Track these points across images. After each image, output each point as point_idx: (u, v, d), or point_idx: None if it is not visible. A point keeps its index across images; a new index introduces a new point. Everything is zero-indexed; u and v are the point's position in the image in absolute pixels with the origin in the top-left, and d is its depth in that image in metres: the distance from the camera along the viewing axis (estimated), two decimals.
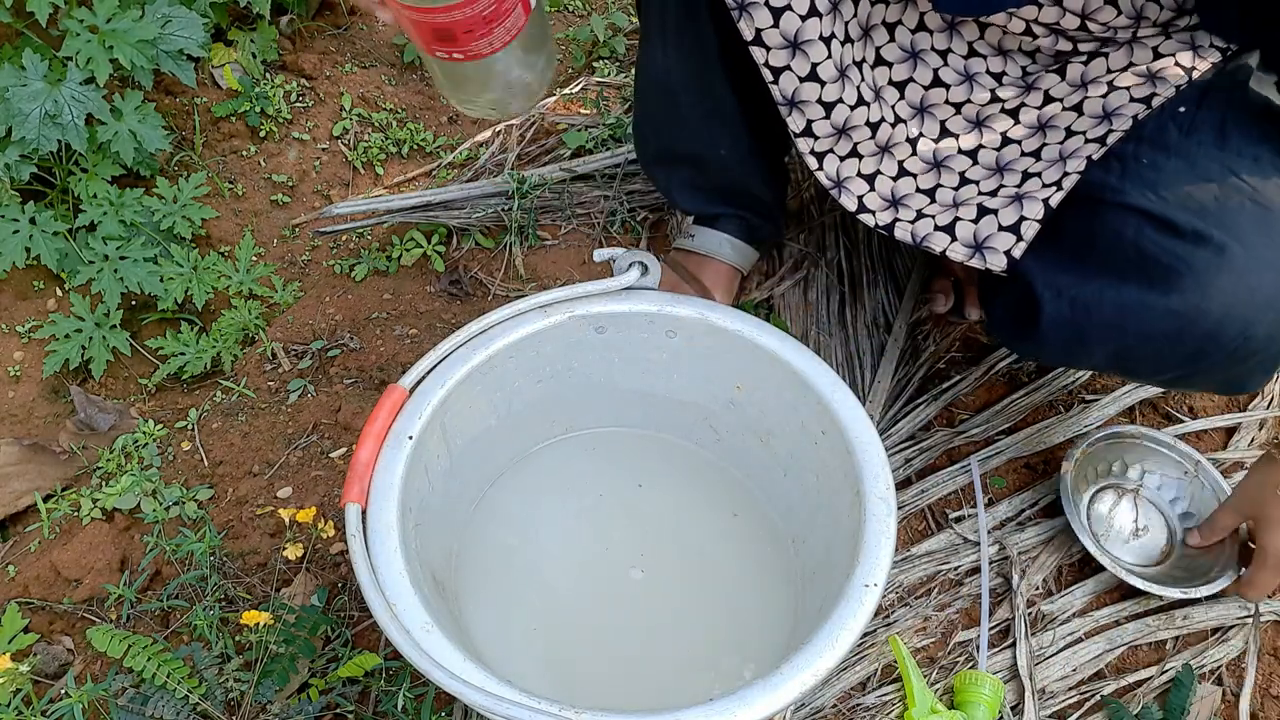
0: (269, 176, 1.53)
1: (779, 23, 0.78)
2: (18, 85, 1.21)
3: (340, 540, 1.02)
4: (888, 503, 0.72)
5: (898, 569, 0.99)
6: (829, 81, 0.81)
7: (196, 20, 1.35)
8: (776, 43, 0.79)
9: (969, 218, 0.86)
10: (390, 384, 0.77)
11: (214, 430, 1.16)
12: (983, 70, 0.86)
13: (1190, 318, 0.73)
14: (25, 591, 1.01)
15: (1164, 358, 0.78)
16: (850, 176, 0.88)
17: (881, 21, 0.85)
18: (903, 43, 0.86)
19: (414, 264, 1.34)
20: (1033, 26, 0.80)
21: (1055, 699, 0.91)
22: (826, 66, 0.81)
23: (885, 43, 0.86)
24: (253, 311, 1.29)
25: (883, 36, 0.86)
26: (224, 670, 0.87)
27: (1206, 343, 0.74)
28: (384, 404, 0.75)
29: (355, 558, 0.66)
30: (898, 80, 0.87)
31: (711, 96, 0.94)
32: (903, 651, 0.89)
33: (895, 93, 0.88)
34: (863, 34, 0.84)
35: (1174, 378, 0.82)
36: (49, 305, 1.35)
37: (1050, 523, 1.02)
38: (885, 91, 0.87)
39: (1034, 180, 0.84)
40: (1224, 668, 0.94)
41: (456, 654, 0.62)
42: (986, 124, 0.87)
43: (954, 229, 0.87)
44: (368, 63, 1.75)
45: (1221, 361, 0.76)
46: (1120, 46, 0.81)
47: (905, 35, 0.86)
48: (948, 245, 0.87)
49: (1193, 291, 0.72)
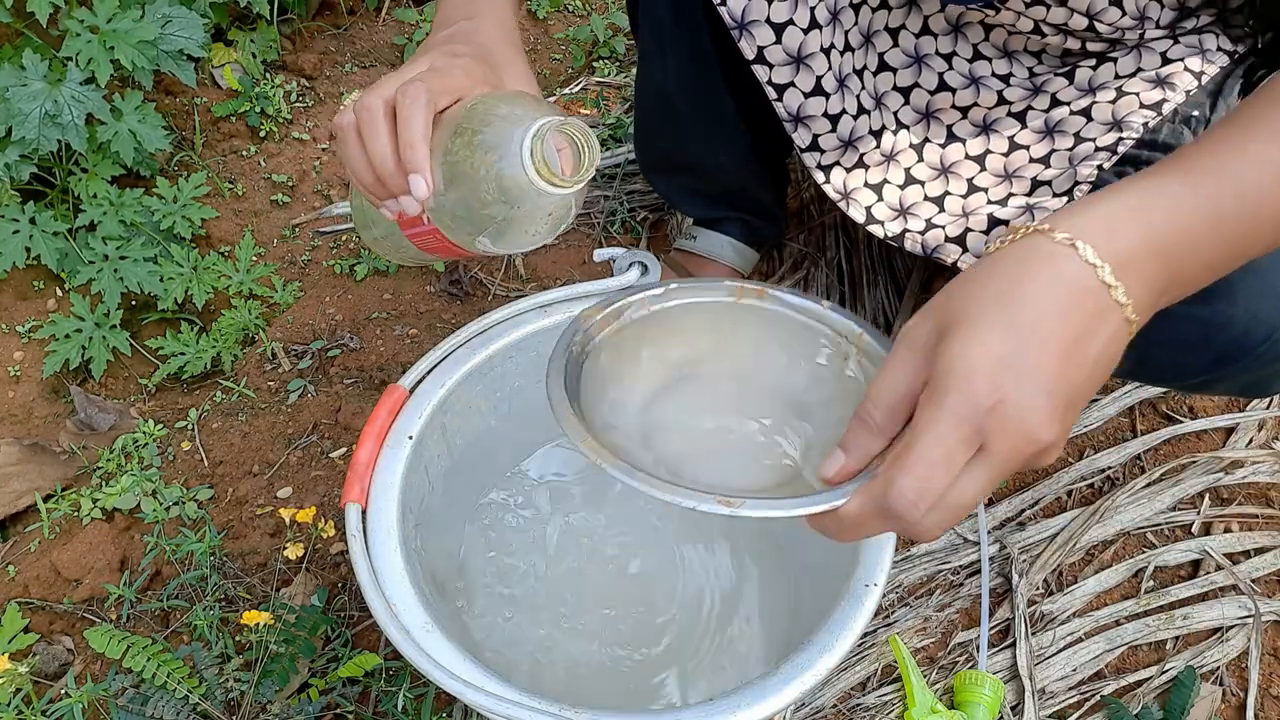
0: (269, 176, 1.53)
1: (782, 39, 0.77)
2: (18, 85, 1.21)
3: (340, 540, 1.02)
4: None
5: (898, 569, 0.99)
6: (832, 93, 0.81)
7: (196, 20, 1.35)
8: (780, 59, 0.78)
9: (980, 229, 0.85)
10: (390, 384, 0.77)
11: (214, 430, 1.16)
12: (988, 73, 0.86)
13: (1216, 324, 0.71)
14: (25, 591, 1.01)
15: (1188, 364, 0.75)
16: (857, 187, 0.88)
17: (884, 27, 0.84)
18: (906, 47, 0.85)
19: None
20: (1041, 26, 0.80)
21: (1055, 699, 0.91)
22: (829, 79, 0.80)
23: (889, 48, 0.85)
24: (253, 311, 1.29)
25: (886, 42, 0.85)
26: (224, 670, 0.87)
27: (1232, 348, 0.72)
28: (384, 404, 0.75)
29: (355, 558, 0.66)
30: (902, 86, 0.87)
31: (711, 105, 0.94)
32: (903, 651, 0.89)
33: (899, 98, 0.87)
34: (864, 41, 0.84)
35: (1198, 383, 0.79)
36: (49, 305, 1.35)
37: (1051, 522, 1.02)
38: (888, 97, 0.87)
39: (1044, 189, 0.83)
40: (1224, 668, 0.94)
41: (456, 654, 0.62)
42: (993, 128, 0.87)
43: (965, 240, 0.86)
44: (368, 63, 1.75)
45: (1249, 365, 0.73)
46: (1129, 51, 0.81)
47: (909, 40, 0.85)
48: (959, 257, 0.86)
49: (1217, 298, 0.69)
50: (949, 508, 0.46)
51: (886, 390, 0.49)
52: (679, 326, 0.68)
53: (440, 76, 0.63)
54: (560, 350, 0.62)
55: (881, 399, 0.49)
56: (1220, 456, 1.07)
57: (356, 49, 1.77)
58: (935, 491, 0.45)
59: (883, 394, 0.49)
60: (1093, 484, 1.07)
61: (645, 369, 0.65)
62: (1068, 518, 1.02)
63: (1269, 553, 1.01)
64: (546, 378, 0.59)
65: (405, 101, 0.60)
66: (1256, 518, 1.05)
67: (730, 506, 0.51)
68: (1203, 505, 1.05)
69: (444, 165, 0.62)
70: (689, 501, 0.52)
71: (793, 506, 0.51)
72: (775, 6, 0.76)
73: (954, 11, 0.83)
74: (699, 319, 0.68)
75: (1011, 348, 0.45)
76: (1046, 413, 0.45)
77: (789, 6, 0.76)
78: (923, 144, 0.88)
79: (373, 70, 1.72)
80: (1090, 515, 1.02)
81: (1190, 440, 1.10)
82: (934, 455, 0.45)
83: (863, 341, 0.65)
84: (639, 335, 0.67)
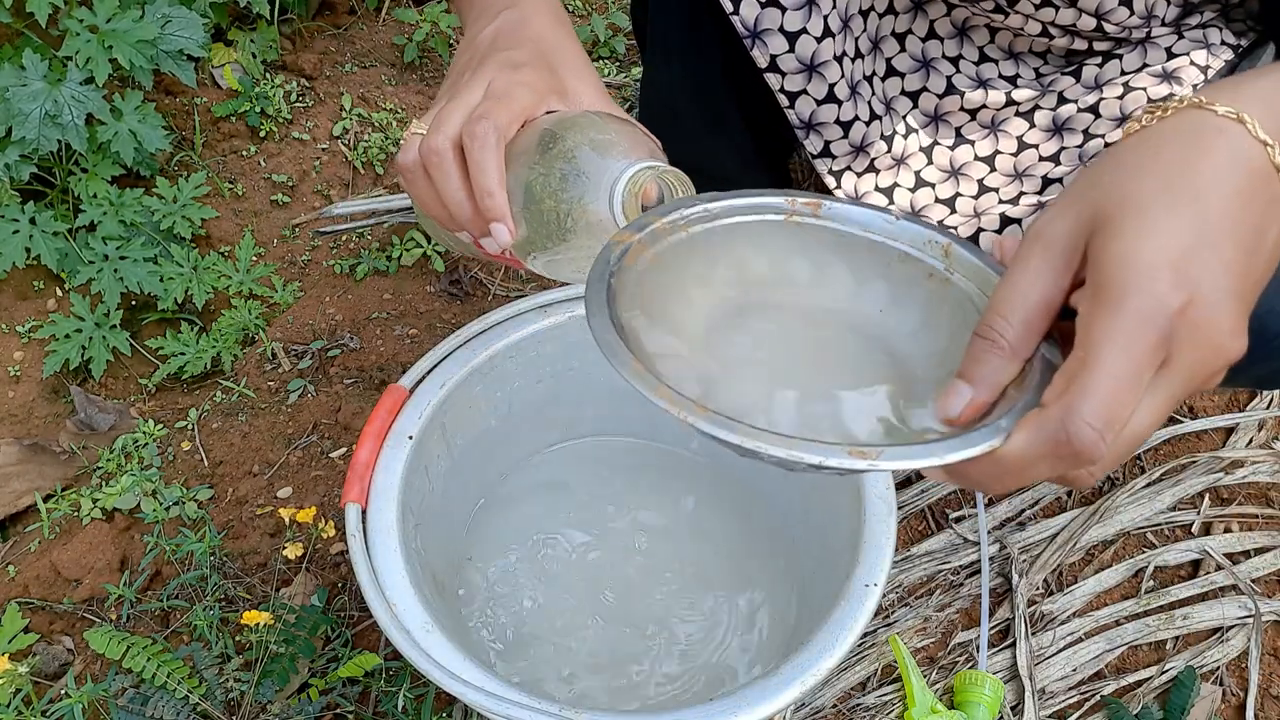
0: (269, 176, 1.53)
1: (794, 47, 0.76)
2: (18, 85, 1.21)
3: (340, 540, 1.02)
4: (888, 502, 0.72)
5: (898, 569, 0.99)
6: (844, 100, 0.81)
7: (196, 20, 1.35)
8: (792, 67, 0.77)
9: (992, 228, 0.85)
10: (390, 384, 0.77)
11: (214, 430, 1.16)
12: (995, 75, 0.86)
13: None
14: (25, 591, 1.01)
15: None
16: (868, 191, 0.88)
17: (891, 32, 0.84)
18: (914, 52, 0.85)
19: (414, 264, 1.34)
20: (1049, 28, 0.80)
21: (1055, 699, 0.91)
22: (841, 86, 0.80)
23: (896, 53, 0.85)
24: (253, 311, 1.29)
25: (893, 48, 0.85)
26: (224, 670, 0.87)
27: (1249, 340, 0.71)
28: (384, 404, 0.75)
29: (355, 558, 0.66)
30: (910, 90, 0.87)
31: (715, 111, 0.94)
32: (903, 651, 0.89)
33: (908, 102, 0.87)
34: (873, 47, 0.84)
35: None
36: (49, 305, 1.35)
37: (1051, 522, 1.02)
38: (897, 102, 0.87)
39: (1055, 187, 0.84)
40: (1224, 668, 0.94)
41: (456, 654, 0.62)
42: (1002, 128, 0.87)
43: (977, 240, 0.86)
44: (368, 63, 1.75)
45: (1264, 358, 0.71)
46: (1134, 47, 0.81)
47: (916, 44, 0.85)
48: None
49: None
50: (1126, 440, 0.39)
51: (1019, 301, 0.41)
52: (725, 252, 0.57)
53: (504, 103, 0.59)
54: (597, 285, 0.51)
55: (1015, 313, 0.41)
56: (1220, 456, 1.07)
57: (356, 49, 1.77)
58: (1124, 417, 0.37)
59: (1015, 306, 0.41)
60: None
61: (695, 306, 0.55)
62: (1068, 518, 1.02)
63: (1269, 553, 1.01)
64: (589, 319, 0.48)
65: (475, 146, 0.57)
66: (1256, 518, 1.05)
67: (866, 458, 0.40)
68: (1203, 505, 1.05)
69: (521, 190, 0.59)
70: (813, 456, 0.40)
71: (942, 452, 0.41)
72: (789, 15, 0.75)
73: (960, 15, 0.83)
74: (747, 242, 0.58)
75: (1196, 236, 0.38)
76: (1236, 317, 0.39)
77: (802, 15, 0.75)
78: (932, 147, 0.88)
79: (373, 70, 1.72)
80: (1090, 515, 1.02)
81: (1190, 440, 1.10)
82: (1119, 370, 0.37)
83: (952, 252, 0.54)
84: (681, 265, 0.56)
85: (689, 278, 0.56)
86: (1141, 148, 0.41)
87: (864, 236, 0.57)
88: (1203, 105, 0.41)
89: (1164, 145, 0.41)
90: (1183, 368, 0.38)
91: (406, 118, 1.67)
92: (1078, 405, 0.37)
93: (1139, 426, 0.38)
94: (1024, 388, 0.42)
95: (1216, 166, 0.40)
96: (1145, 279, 0.37)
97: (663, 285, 0.54)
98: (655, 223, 0.55)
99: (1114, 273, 0.38)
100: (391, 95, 1.69)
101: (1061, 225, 0.41)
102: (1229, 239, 0.39)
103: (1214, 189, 0.39)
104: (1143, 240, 0.38)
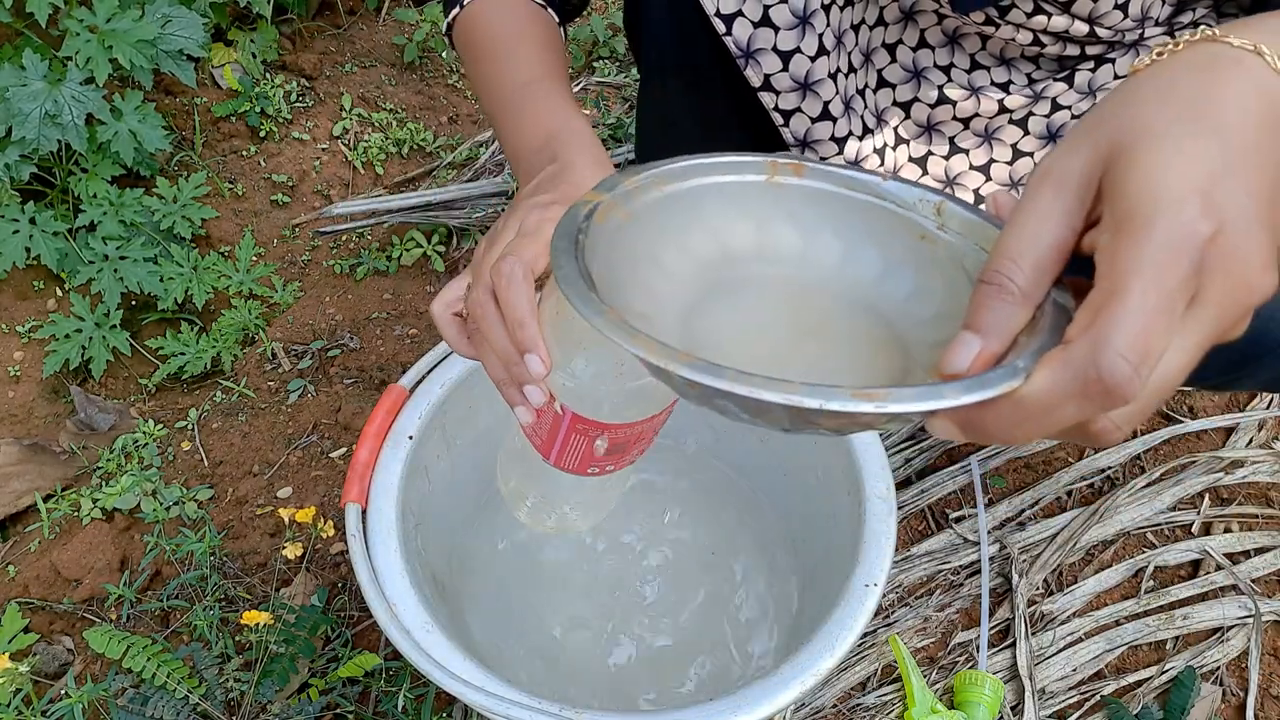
0: (269, 176, 1.53)
1: (789, 66, 0.76)
2: (18, 85, 1.21)
3: (340, 540, 1.02)
4: (888, 503, 0.72)
5: (898, 569, 0.99)
6: (839, 117, 0.81)
7: (196, 20, 1.35)
8: (786, 86, 0.77)
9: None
10: (390, 384, 0.77)
11: (214, 430, 1.16)
12: (987, 82, 0.86)
13: None
14: (25, 591, 1.01)
15: (1207, 363, 0.75)
16: None
17: (882, 44, 0.84)
18: (905, 63, 0.85)
19: (414, 264, 1.34)
20: (1040, 36, 0.80)
21: (1055, 699, 0.91)
22: (836, 103, 0.79)
23: (887, 64, 0.85)
24: (253, 311, 1.29)
25: (884, 59, 0.85)
26: (224, 670, 0.87)
27: (1253, 347, 0.70)
28: (384, 404, 0.75)
29: (355, 558, 0.66)
30: (902, 101, 0.87)
31: (711, 122, 0.94)
32: (903, 651, 0.89)
33: (900, 113, 0.87)
34: (864, 60, 0.84)
35: (1219, 383, 0.79)
36: (49, 305, 1.35)
37: (1050, 522, 1.02)
38: (889, 114, 0.86)
39: None
40: (1224, 668, 0.94)
41: (456, 654, 0.62)
42: (996, 136, 0.86)
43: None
44: (368, 63, 1.75)
45: (1269, 363, 0.73)
46: (1127, 50, 0.81)
47: (907, 55, 0.85)
48: None
49: None
50: (1156, 385, 0.36)
51: (1030, 242, 0.38)
52: (703, 214, 0.53)
53: (532, 240, 0.57)
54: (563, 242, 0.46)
55: (1025, 255, 0.38)
56: (1220, 456, 1.07)
57: (356, 49, 1.77)
58: (1158, 351, 0.34)
59: (1026, 248, 0.38)
60: (1092, 484, 1.07)
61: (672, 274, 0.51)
62: (1068, 517, 1.02)
63: (1269, 553, 1.01)
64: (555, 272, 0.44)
65: (502, 284, 0.55)
66: (1256, 518, 1.05)
67: (873, 400, 0.35)
68: (1203, 505, 1.05)
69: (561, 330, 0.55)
70: (813, 400, 0.36)
71: (956, 393, 0.36)
72: (782, 35, 0.74)
73: (951, 24, 0.83)
74: (727, 204, 0.54)
75: (1221, 161, 0.36)
76: (1267, 251, 0.36)
77: (796, 34, 0.75)
78: (925, 157, 0.88)
79: (373, 70, 1.72)
80: (1090, 515, 1.02)
81: (1190, 440, 1.10)
82: (1151, 301, 0.34)
83: (945, 210, 0.50)
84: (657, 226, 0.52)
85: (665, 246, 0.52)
86: (1156, 80, 0.39)
87: (850, 195, 0.53)
88: (1217, 39, 0.39)
89: (1180, 76, 0.39)
90: (1214, 302, 0.36)
91: (406, 118, 1.68)
92: (1109, 335, 0.34)
93: (1170, 369, 0.36)
94: (1035, 334, 0.38)
95: (1238, 95, 0.38)
96: (1173, 207, 0.35)
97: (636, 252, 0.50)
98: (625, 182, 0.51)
99: (1139, 202, 0.35)
100: (391, 95, 1.69)
101: (1074, 161, 0.38)
102: (1254, 167, 0.37)
103: (1235, 118, 0.37)
104: (1167, 169, 0.35)
